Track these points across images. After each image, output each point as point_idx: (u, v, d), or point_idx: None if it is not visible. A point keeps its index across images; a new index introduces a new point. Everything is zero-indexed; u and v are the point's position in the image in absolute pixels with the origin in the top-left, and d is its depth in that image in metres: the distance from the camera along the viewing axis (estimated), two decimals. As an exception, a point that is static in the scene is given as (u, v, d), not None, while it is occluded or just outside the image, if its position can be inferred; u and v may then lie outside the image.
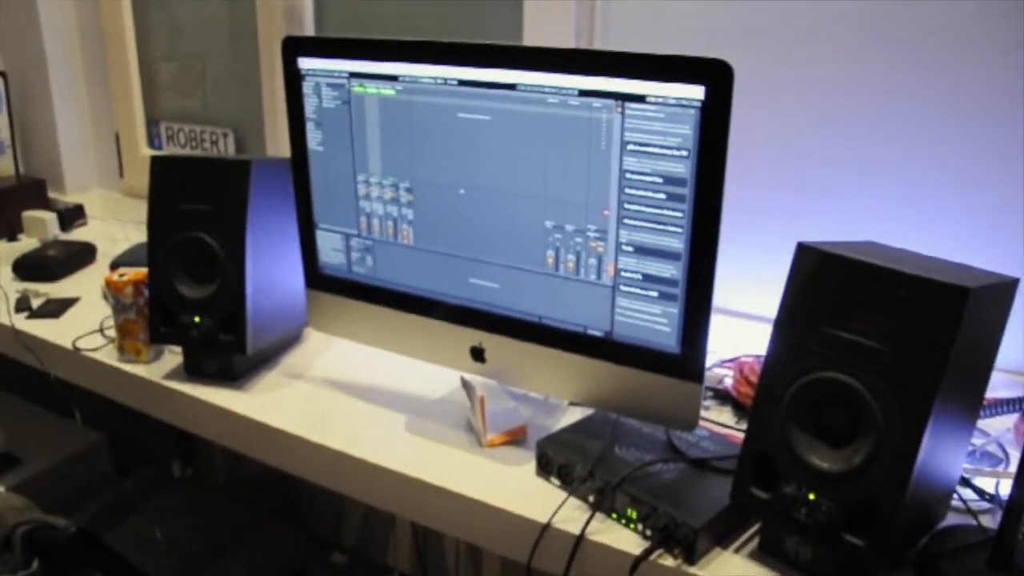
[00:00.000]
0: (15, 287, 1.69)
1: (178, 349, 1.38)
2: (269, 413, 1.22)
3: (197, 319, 1.27)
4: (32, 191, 2.03)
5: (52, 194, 2.10)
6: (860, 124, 1.29)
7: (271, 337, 1.35)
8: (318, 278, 1.26)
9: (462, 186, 1.06)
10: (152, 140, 2.03)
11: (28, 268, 1.74)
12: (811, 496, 0.82)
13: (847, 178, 1.32)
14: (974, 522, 0.94)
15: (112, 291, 1.36)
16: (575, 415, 1.14)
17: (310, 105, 1.16)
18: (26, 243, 1.89)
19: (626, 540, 0.94)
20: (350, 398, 1.26)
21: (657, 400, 0.99)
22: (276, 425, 1.20)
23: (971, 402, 0.88)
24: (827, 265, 0.82)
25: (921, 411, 0.76)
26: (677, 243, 0.93)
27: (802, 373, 0.83)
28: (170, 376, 1.34)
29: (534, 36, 1.49)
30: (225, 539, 1.82)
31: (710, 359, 1.30)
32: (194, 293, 1.27)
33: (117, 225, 2.02)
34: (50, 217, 1.88)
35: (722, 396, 1.23)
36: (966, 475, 1.02)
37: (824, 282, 0.82)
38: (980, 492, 1.00)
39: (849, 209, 1.33)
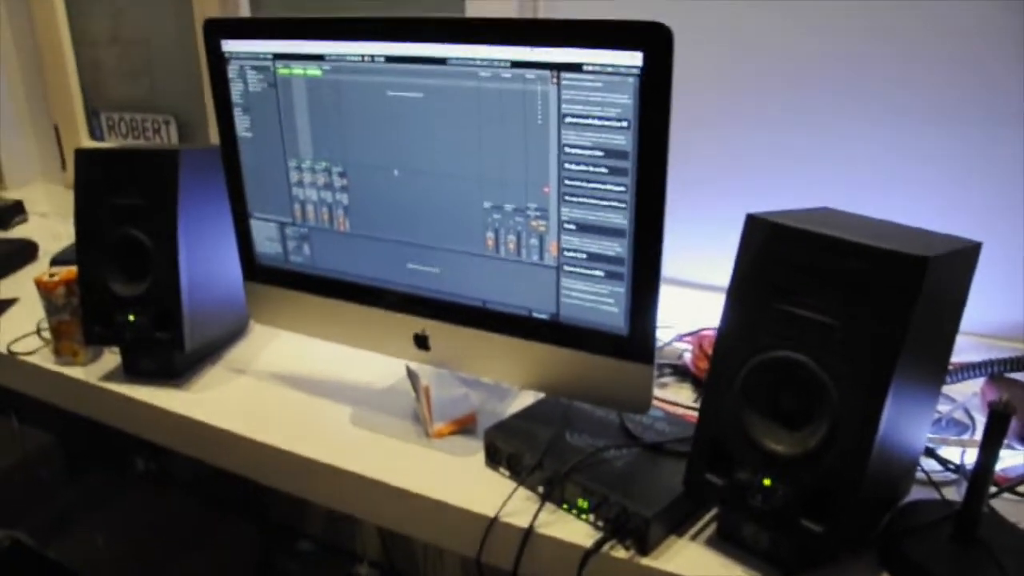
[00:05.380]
0: (-50, 290, 1.62)
1: (118, 348, 1.32)
2: (209, 411, 1.17)
3: (132, 317, 1.21)
4: (-31, 189, 1.96)
5: (-6, 192, 2.03)
6: (813, 84, 1.25)
7: (212, 332, 1.29)
8: (255, 269, 1.21)
9: (395, 167, 1.01)
10: (93, 131, 1.96)
11: (-37, 270, 1.67)
12: (766, 482, 0.78)
13: (805, 139, 1.28)
14: (938, 496, 0.91)
15: (44, 292, 1.29)
16: (528, 399, 1.10)
17: (236, 90, 1.10)
18: (-37, 244, 1.81)
19: (577, 532, 0.89)
20: (294, 392, 1.21)
21: (607, 383, 0.95)
22: (215, 423, 1.15)
23: (935, 371, 0.84)
24: (776, 237, 0.77)
25: (878, 389, 0.72)
26: (621, 219, 0.88)
27: (755, 353, 0.79)
28: (108, 377, 1.28)
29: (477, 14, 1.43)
30: (186, 536, 1.77)
31: (669, 333, 1.27)
32: (127, 291, 1.21)
33: (60, 221, 1.94)
34: (-15, 215, 1.81)
35: (681, 372, 1.19)
36: (932, 445, 0.99)
37: (774, 255, 0.77)
38: (944, 463, 0.97)
39: (808, 174, 1.29)
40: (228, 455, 1.16)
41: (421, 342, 1.10)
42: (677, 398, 1.11)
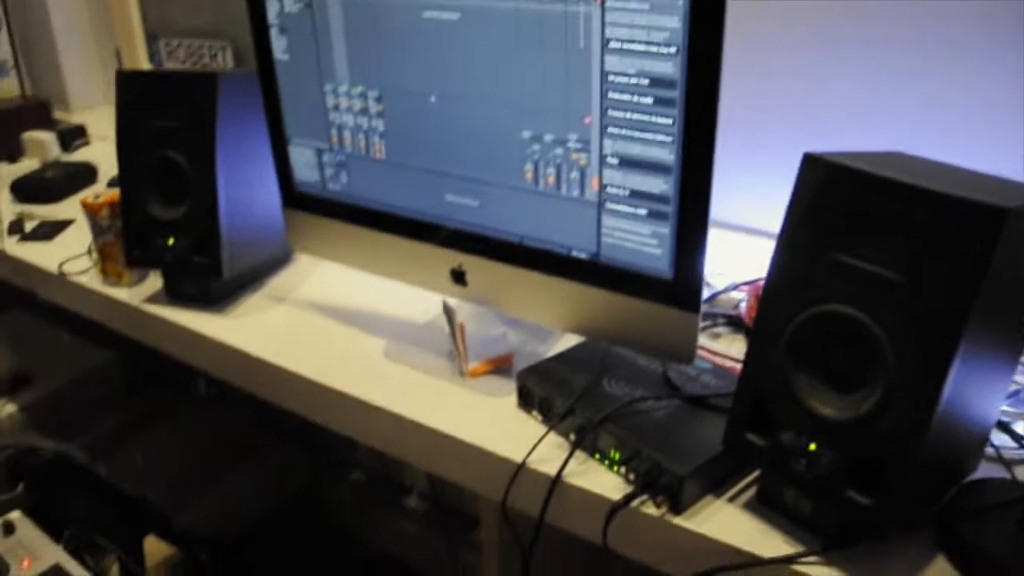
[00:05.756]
0: (13, 209, 1.63)
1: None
2: (244, 337, 1.15)
3: (171, 241, 1.19)
4: (37, 112, 1.96)
5: (58, 114, 2.04)
6: (890, 9, 1.13)
7: (252, 259, 1.27)
8: (294, 196, 1.17)
9: (432, 93, 0.95)
10: (153, 56, 1.94)
11: (26, 190, 1.68)
12: (811, 446, 0.71)
13: (880, 74, 1.17)
14: (1008, 475, 0.82)
15: (89, 213, 1.29)
16: (569, 342, 1.04)
17: (272, 10, 1.05)
18: (26, 165, 1.83)
19: (607, 484, 0.84)
20: (332, 322, 1.18)
21: (649, 330, 0.89)
22: (249, 350, 1.13)
23: (1011, 337, 0.75)
24: (836, 179, 0.69)
25: (943, 354, 0.64)
26: (667, 154, 0.80)
27: (805, 306, 0.71)
28: (150, 300, 1.27)
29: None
30: (236, 460, 1.79)
31: (725, 280, 1.19)
32: (166, 214, 1.19)
33: (123, 143, 1.94)
34: (49, 138, 1.81)
35: (736, 323, 1.12)
36: (1006, 419, 0.90)
37: (832, 200, 0.69)
38: (1019, 439, 0.88)
39: (877, 112, 1.18)
40: (260, 382, 1.14)
41: (458, 277, 1.05)
42: (729, 350, 1.04)
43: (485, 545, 1.30)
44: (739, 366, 0.77)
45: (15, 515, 1.07)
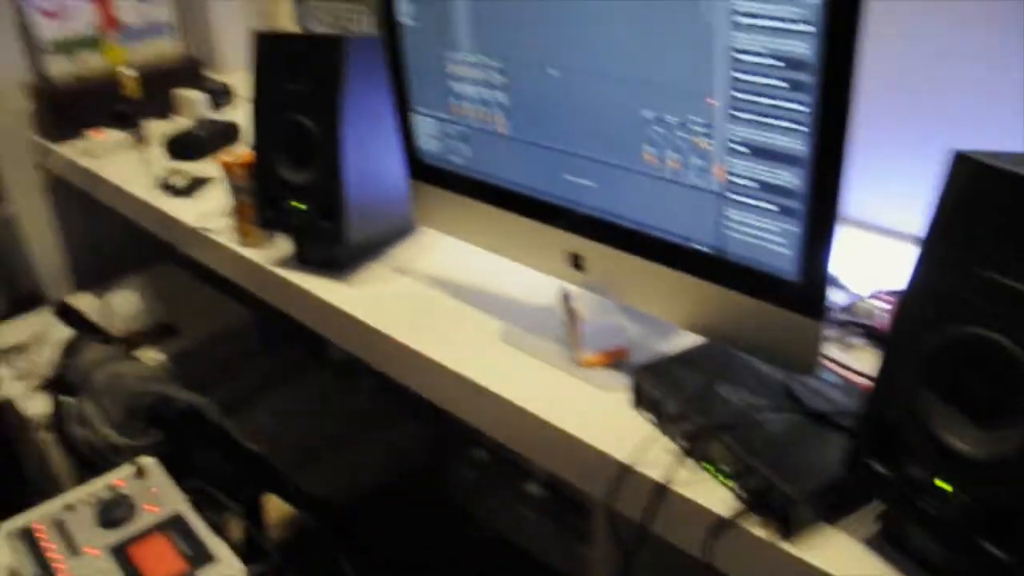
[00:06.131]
0: (164, 165, 1.70)
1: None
2: (361, 306, 1.15)
3: (299, 204, 1.20)
4: (190, 71, 2.04)
5: (210, 73, 2.11)
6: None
7: (375, 227, 1.26)
8: (417, 166, 1.15)
9: (553, 66, 0.89)
10: (299, 19, 1.97)
11: (176, 147, 1.74)
12: (942, 484, 0.63)
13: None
14: None
15: (226, 172, 1.32)
16: (691, 341, 0.98)
17: (398, -28, 1.02)
18: (179, 122, 1.90)
19: (715, 497, 0.79)
20: (451, 299, 1.16)
21: (768, 334, 0.82)
22: (367, 320, 1.13)
23: None
24: (989, 183, 0.60)
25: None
26: (799, 144, 0.72)
27: (945, 326, 0.62)
28: (280, 262, 1.29)
29: None
30: (360, 427, 1.82)
31: (867, 287, 1.08)
32: (296, 177, 1.20)
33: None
34: (199, 96, 1.88)
35: (874, 335, 1.01)
36: None
37: (982, 207, 0.60)
38: None
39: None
40: (376, 353, 1.14)
41: (576, 262, 1.00)
42: (861, 365, 0.94)
43: (595, 540, 1.26)
44: (870, 383, 0.70)
45: (147, 460, 1.12)
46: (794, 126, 0.72)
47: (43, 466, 1.82)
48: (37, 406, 1.72)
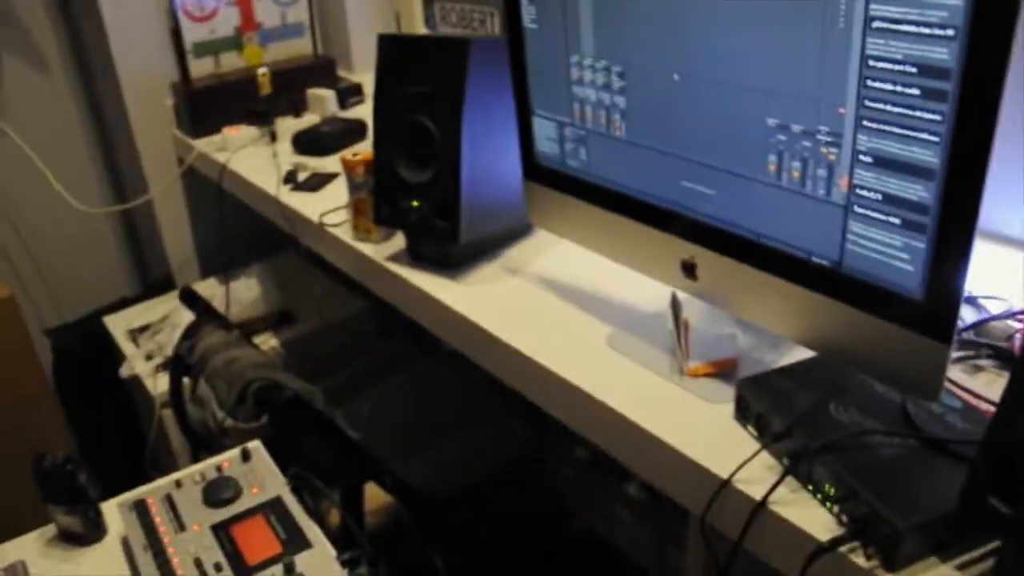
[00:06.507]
0: (291, 160, 1.77)
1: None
2: (471, 305, 1.17)
3: (416, 203, 1.23)
4: (324, 70, 2.12)
5: (341, 72, 2.18)
6: None
7: (490, 228, 1.28)
8: (535, 168, 1.16)
9: (675, 71, 0.88)
10: (428, 20, 2.01)
11: (303, 143, 1.81)
12: (1069, 525, 0.59)
13: None
14: None
15: (347, 169, 1.36)
16: (802, 354, 0.95)
17: (525, -24, 1.03)
18: (308, 119, 1.98)
19: (815, 520, 0.76)
20: (560, 301, 1.16)
21: (888, 355, 0.78)
22: (476, 320, 1.14)
23: None
24: None
25: None
26: (931, 156, 0.69)
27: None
28: (394, 258, 1.33)
29: None
30: (461, 419, 1.84)
31: (1001, 305, 1.03)
32: (414, 176, 1.23)
33: (396, 103, 2.04)
34: (329, 95, 1.95)
35: (1006, 357, 0.96)
36: None
37: None
38: None
39: None
40: (483, 351, 1.16)
41: (689, 270, 0.99)
42: (988, 391, 0.89)
43: (690, 549, 1.23)
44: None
45: (254, 444, 1.16)
46: (929, 137, 0.68)
47: (163, 441, 1.92)
48: (161, 384, 1.81)
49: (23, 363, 1.91)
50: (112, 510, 1.08)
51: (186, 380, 1.64)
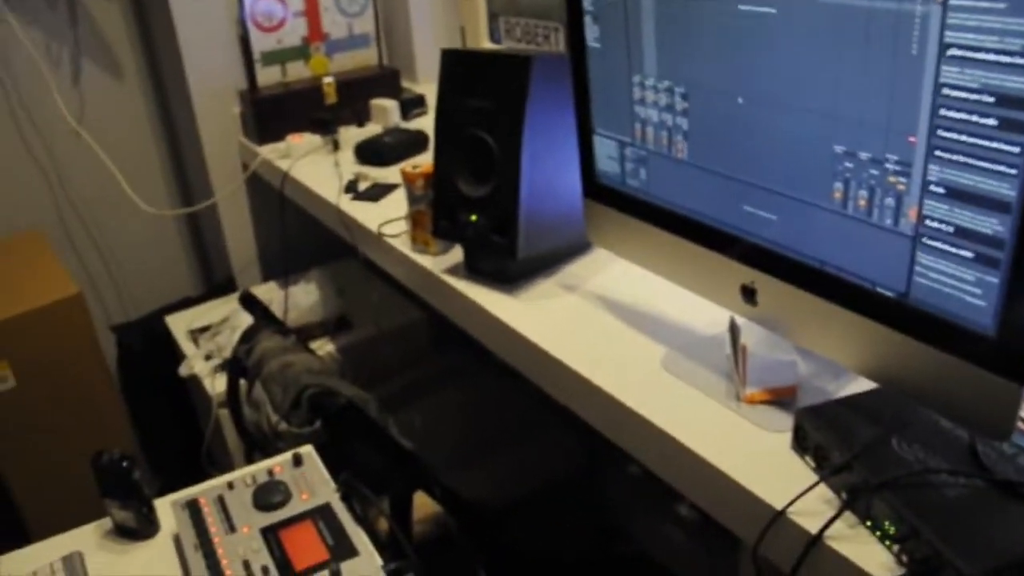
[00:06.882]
0: (353, 169, 1.79)
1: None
2: (528, 323, 1.17)
3: (474, 217, 1.23)
4: (388, 80, 2.14)
5: (406, 83, 2.20)
6: None
7: (548, 244, 1.27)
8: (594, 187, 1.15)
9: (740, 94, 0.87)
10: (492, 33, 2.02)
11: (365, 152, 1.83)
12: None
13: None
14: None
15: (406, 181, 1.37)
16: (864, 385, 0.92)
17: (589, -4, 1.03)
18: (371, 129, 2.00)
19: (873, 559, 0.74)
20: (616, 321, 1.15)
21: (957, 392, 0.75)
22: (530, 336, 1.14)
23: None
24: None
25: None
26: (1007, 189, 0.67)
27: None
28: (451, 271, 1.33)
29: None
30: (514, 432, 1.83)
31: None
32: (473, 191, 1.23)
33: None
34: (392, 105, 1.96)
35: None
36: None
37: None
38: None
39: None
40: (536, 368, 1.15)
41: (748, 295, 0.97)
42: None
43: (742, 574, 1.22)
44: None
45: (306, 449, 1.17)
46: (1005, 169, 0.66)
47: (219, 439, 1.95)
48: (219, 384, 1.85)
49: (90, 358, 1.97)
50: (166, 507, 1.11)
51: (243, 382, 1.67)
